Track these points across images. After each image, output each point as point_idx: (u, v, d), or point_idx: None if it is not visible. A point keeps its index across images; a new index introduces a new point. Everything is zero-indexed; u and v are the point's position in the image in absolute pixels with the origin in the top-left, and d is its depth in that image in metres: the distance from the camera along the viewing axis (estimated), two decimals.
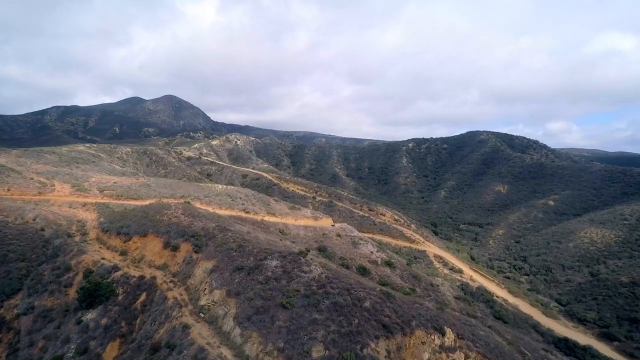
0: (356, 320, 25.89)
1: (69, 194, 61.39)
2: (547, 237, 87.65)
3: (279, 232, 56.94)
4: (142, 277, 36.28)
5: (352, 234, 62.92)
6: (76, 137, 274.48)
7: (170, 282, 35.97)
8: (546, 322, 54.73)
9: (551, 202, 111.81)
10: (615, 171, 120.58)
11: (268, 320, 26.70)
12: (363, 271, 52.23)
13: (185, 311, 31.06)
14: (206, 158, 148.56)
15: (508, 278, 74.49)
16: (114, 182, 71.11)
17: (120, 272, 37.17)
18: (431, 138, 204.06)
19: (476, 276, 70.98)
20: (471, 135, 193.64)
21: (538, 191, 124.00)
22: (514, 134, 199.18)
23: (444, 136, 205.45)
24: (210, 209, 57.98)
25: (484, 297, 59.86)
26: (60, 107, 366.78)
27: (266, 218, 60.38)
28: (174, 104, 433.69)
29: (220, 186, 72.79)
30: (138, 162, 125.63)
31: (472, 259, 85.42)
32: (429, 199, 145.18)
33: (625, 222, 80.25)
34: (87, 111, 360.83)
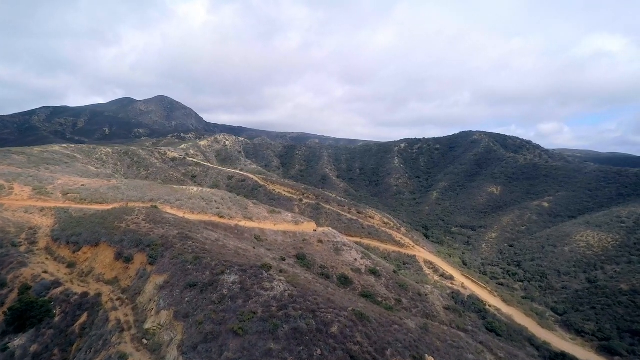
0: (319, 351, 21.66)
1: (27, 198, 56.44)
2: (542, 241, 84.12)
3: (255, 238, 52.58)
4: (85, 295, 31.75)
5: (335, 240, 58.75)
6: (64, 138, 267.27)
7: (117, 299, 31.40)
8: (542, 334, 50.94)
9: (545, 204, 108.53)
10: (610, 172, 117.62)
11: (216, 350, 22.39)
12: (344, 281, 48.10)
13: (127, 336, 26.61)
14: (191, 159, 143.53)
15: (501, 285, 70.77)
16: (82, 185, 66.19)
17: (60, 289, 32.58)
18: (424, 138, 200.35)
19: (468, 283, 67.13)
20: (464, 136, 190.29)
21: (532, 192, 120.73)
22: (507, 134, 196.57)
23: (436, 136, 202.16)
24: (180, 214, 53.48)
25: (475, 306, 55.99)
26: (49, 107, 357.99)
27: (242, 223, 55.97)
28: (166, 105, 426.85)
29: (195, 189, 68.15)
30: (119, 164, 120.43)
31: (464, 264, 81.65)
32: (420, 201, 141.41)
33: (622, 224, 76.90)
34: (77, 112, 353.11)
